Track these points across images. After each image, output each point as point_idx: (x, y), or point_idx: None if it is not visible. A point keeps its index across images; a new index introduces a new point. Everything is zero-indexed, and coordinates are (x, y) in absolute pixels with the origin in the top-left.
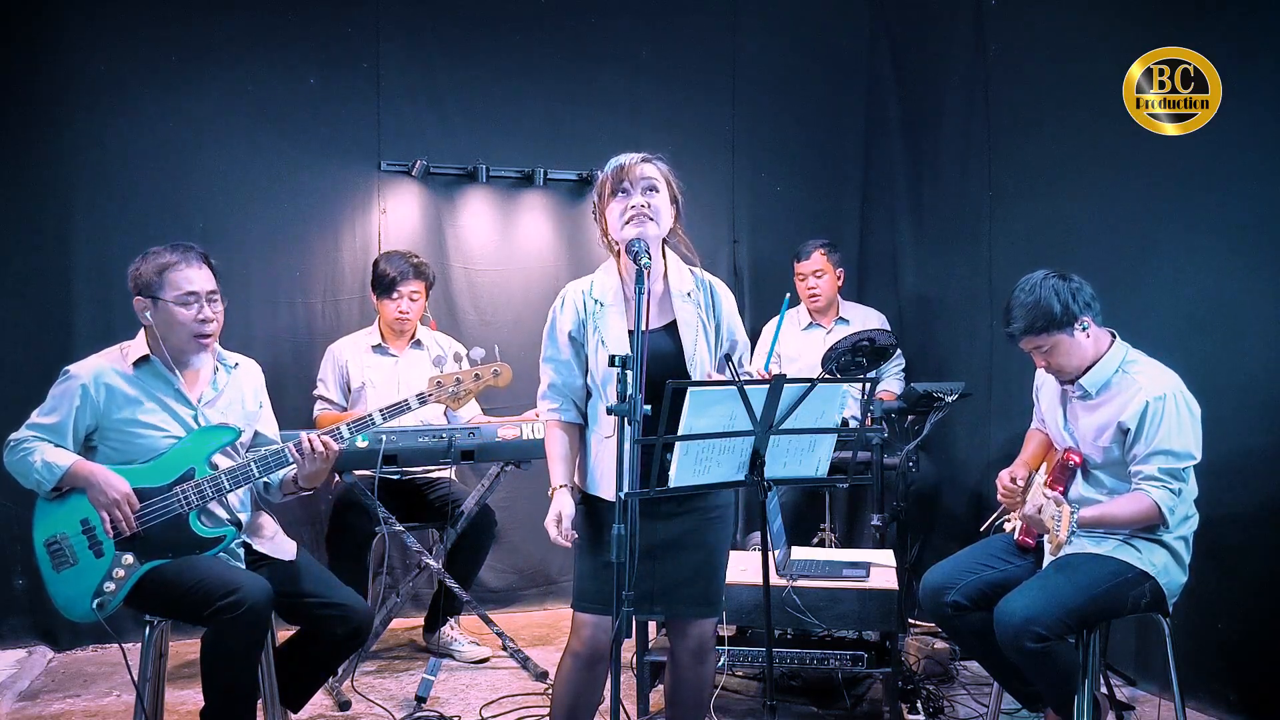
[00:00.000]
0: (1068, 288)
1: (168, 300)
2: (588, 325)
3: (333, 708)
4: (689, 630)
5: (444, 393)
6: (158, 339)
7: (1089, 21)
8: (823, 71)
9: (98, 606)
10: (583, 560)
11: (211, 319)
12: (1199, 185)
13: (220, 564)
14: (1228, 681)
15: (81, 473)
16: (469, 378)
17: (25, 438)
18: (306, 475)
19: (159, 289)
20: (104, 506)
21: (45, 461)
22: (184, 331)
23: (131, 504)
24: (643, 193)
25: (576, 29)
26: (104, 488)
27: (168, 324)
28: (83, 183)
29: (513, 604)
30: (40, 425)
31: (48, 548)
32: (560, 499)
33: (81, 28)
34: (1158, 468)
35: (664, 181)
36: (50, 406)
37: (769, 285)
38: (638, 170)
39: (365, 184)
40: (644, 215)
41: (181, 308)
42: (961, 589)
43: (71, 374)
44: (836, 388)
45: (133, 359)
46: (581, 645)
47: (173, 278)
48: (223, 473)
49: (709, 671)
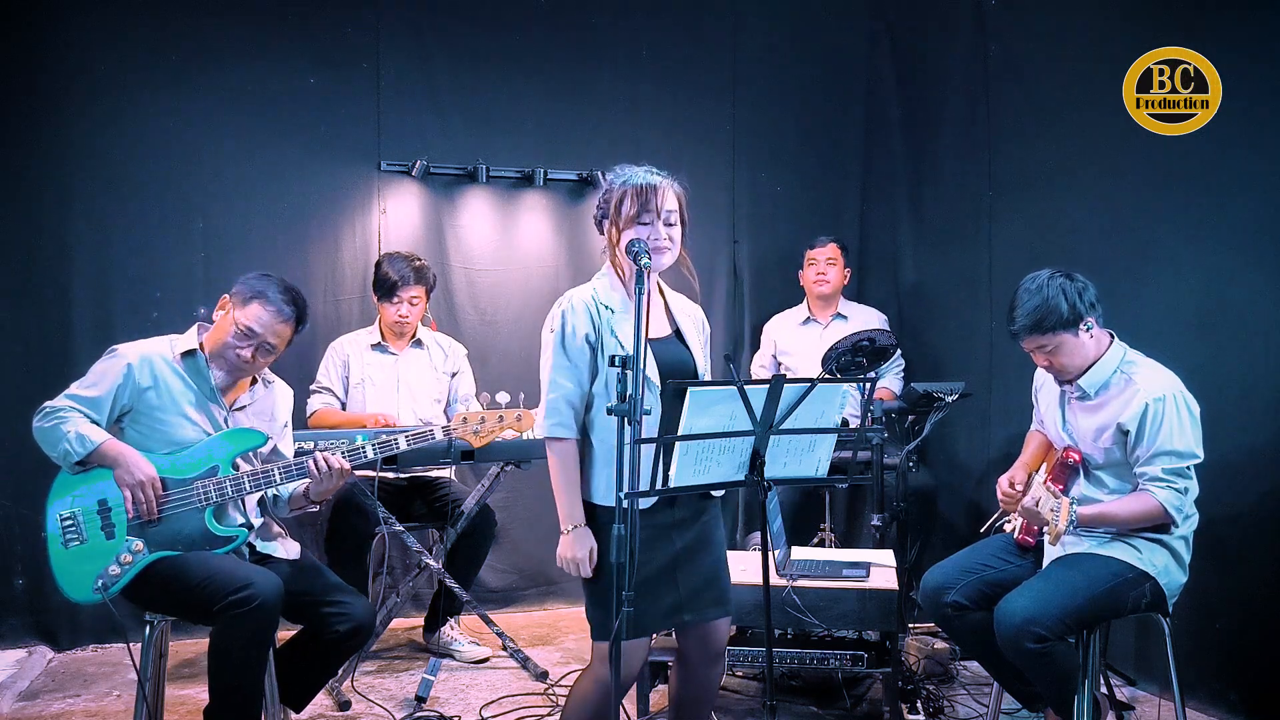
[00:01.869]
0: (1074, 287)
1: (235, 320)
2: (602, 331)
3: (333, 708)
4: (709, 633)
5: (467, 429)
6: (215, 338)
7: (1089, 21)
8: (823, 71)
9: (100, 588)
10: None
11: (250, 364)
12: (1199, 185)
13: (230, 560)
14: (1228, 681)
15: (112, 452)
16: (493, 419)
17: (62, 406)
18: (319, 491)
19: (240, 306)
20: (130, 486)
21: (79, 433)
22: (229, 352)
23: (156, 489)
24: (665, 225)
25: (576, 29)
26: (132, 468)
27: (220, 336)
28: (82, 183)
29: (513, 604)
30: (80, 397)
31: (61, 521)
32: (583, 537)
33: (81, 28)
34: (1162, 468)
35: (679, 208)
36: (93, 380)
37: (769, 285)
38: (666, 201)
39: (365, 184)
40: (662, 250)
41: (235, 338)
42: (961, 589)
43: (119, 352)
44: (836, 388)
45: (181, 350)
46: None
47: (252, 309)
48: (245, 475)
49: (720, 673)
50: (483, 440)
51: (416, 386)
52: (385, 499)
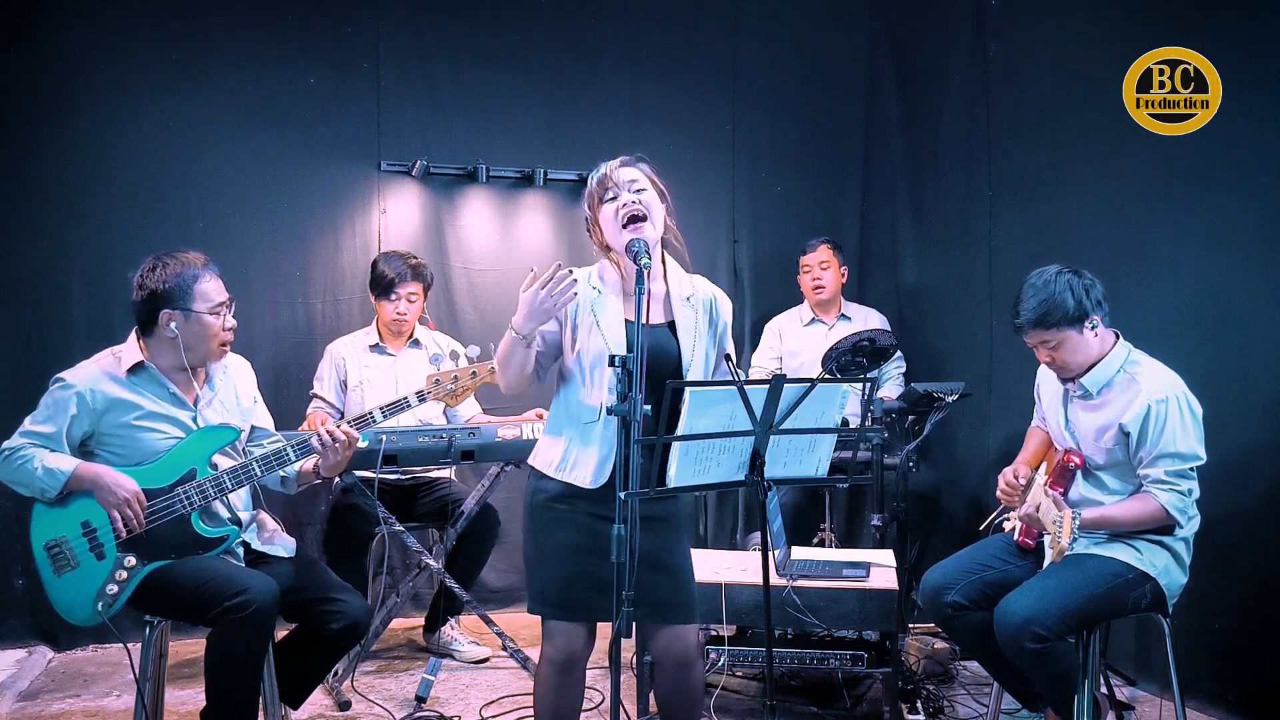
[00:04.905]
0: (1081, 284)
1: (201, 312)
2: (583, 307)
3: (333, 708)
4: (674, 639)
5: (441, 390)
6: (177, 348)
7: (1089, 21)
8: (823, 71)
9: (101, 609)
10: (544, 563)
11: (234, 327)
12: (1199, 185)
13: (225, 564)
14: (1227, 681)
15: (87, 475)
16: (465, 375)
17: (20, 445)
18: (330, 466)
19: (189, 300)
20: (114, 506)
21: (47, 468)
22: (213, 342)
23: (140, 502)
24: (630, 193)
25: (576, 29)
26: (113, 487)
27: (199, 335)
28: (82, 183)
29: (513, 604)
30: (34, 433)
31: (48, 551)
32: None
33: (81, 28)
34: (1164, 470)
35: (648, 180)
36: (45, 415)
37: (769, 285)
38: (619, 174)
39: (365, 184)
40: (636, 212)
41: (214, 318)
42: (961, 589)
43: (66, 381)
44: (836, 388)
45: (127, 365)
46: (556, 652)
47: (202, 289)
48: (224, 472)
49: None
50: (462, 398)
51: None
52: (385, 499)
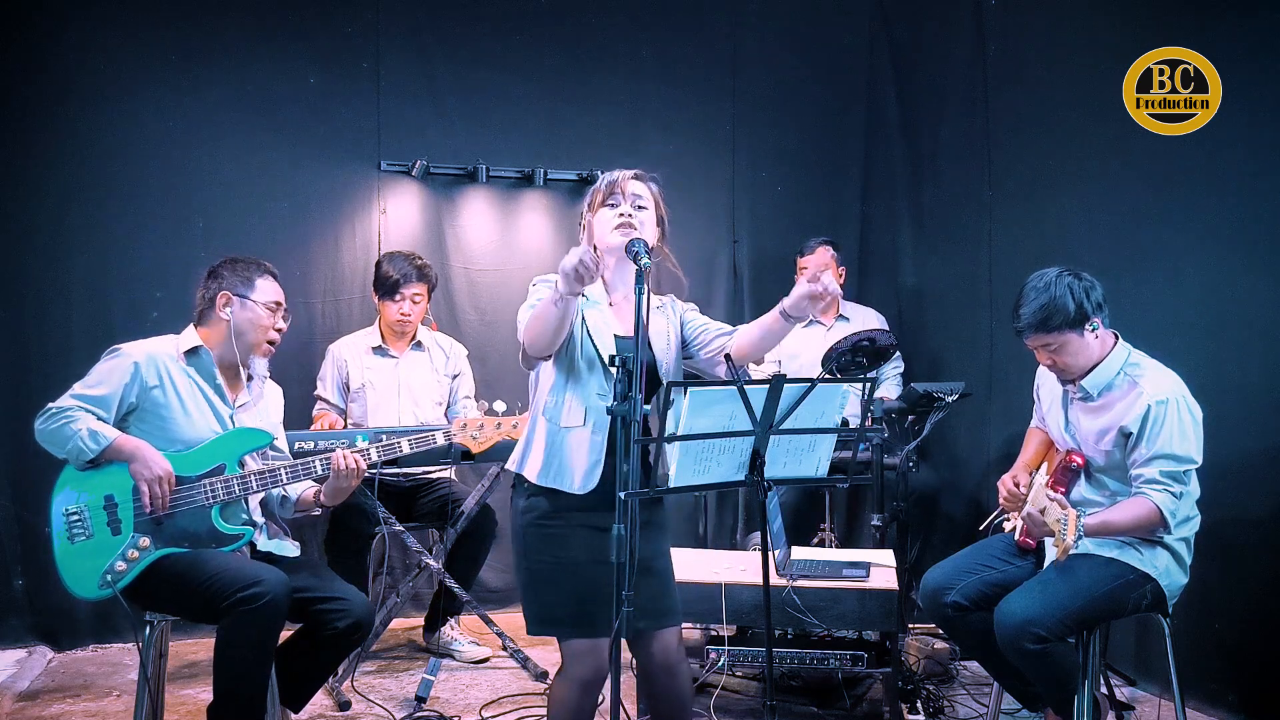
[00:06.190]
0: (1081, 286)
1: (258, 302)
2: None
3: (333, 708)
4: (661, 643)
5: (466, 435)
6: (228, 336)
7: (1089, 22)
8: (823, 71)
9: (106, 583)
10: (551, 582)
11: (283, 330)
12: (1199, 185)
13: (237, 559)
14: (1228, 681)
15: (127, 447)
16: (491, 425)
17: (69, 405)
18: (333, 491)
19: (249, 289)
20: (147, 480)
21: (91, 430)
22: (261, 335)
23: (171, 484)
24: (632, 207)
25: (576, 29)
26: (150, 462)
27: (250, 323)
28: (83, 183)
29: (513, 604)
30: (86, 396)
31: (67, 517)
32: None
33: (82, 28)
34: (1159, 471)
35: (653, 202)
36: (98, 379)
37: (769, 285)
38: (630, 186)
39: (365, 184)
40: (629, 224)
41: (267, 312)
42: (961, 589)
43: (123, 351)
44: (836, 388)
45: (185, 348)
46: (586, 671)
47: (262, 284)
48: (251, 474)
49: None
50: (481, 447)
51: (418, 390)
52: (385, 499)
